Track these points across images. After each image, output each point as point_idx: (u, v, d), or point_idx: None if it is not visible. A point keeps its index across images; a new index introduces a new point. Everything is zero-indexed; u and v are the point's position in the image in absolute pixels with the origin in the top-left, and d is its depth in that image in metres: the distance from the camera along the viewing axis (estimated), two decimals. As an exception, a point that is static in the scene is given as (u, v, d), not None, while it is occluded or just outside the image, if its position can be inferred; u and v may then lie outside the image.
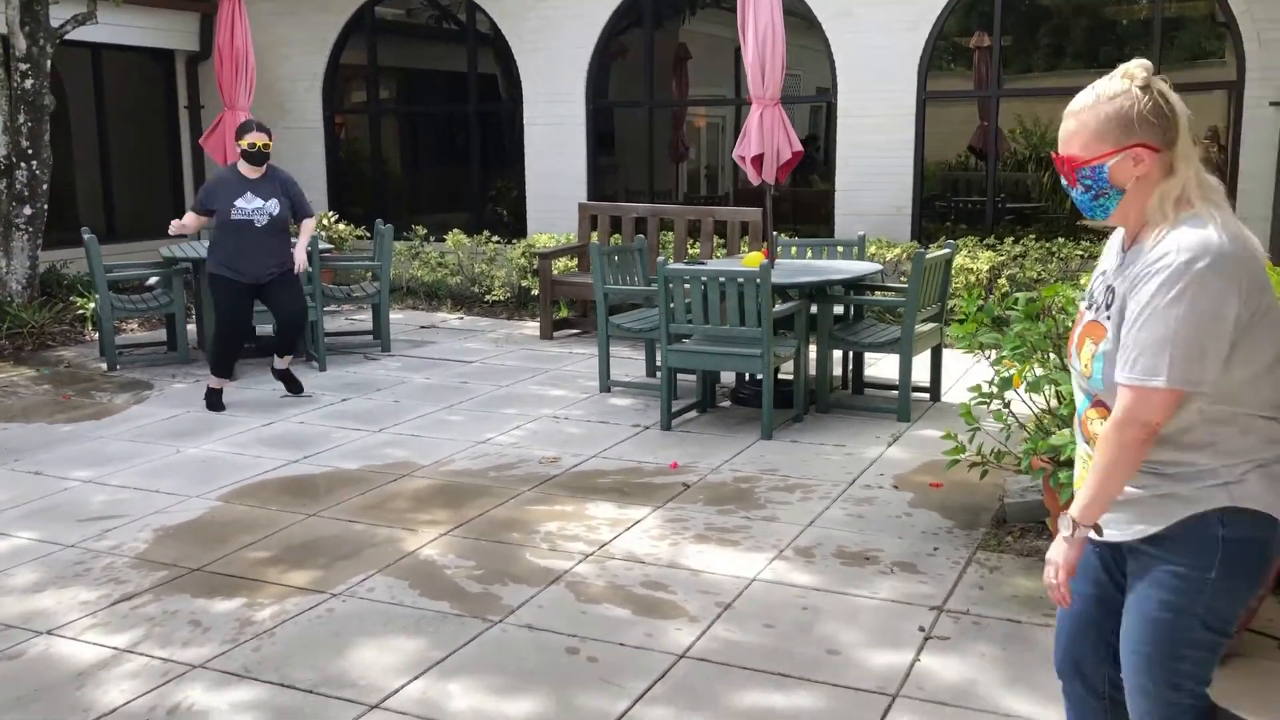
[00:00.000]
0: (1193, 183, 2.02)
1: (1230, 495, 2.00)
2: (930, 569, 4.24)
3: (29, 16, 8.83)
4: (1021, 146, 11.15)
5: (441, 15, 12.55)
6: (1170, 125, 2.03)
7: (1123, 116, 2.02)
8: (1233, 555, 2.01)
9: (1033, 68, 10.42)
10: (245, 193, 6.61)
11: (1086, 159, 2.05)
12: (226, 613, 3.91)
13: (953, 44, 10.38)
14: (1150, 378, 1.93)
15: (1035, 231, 9.71)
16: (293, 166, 12.01)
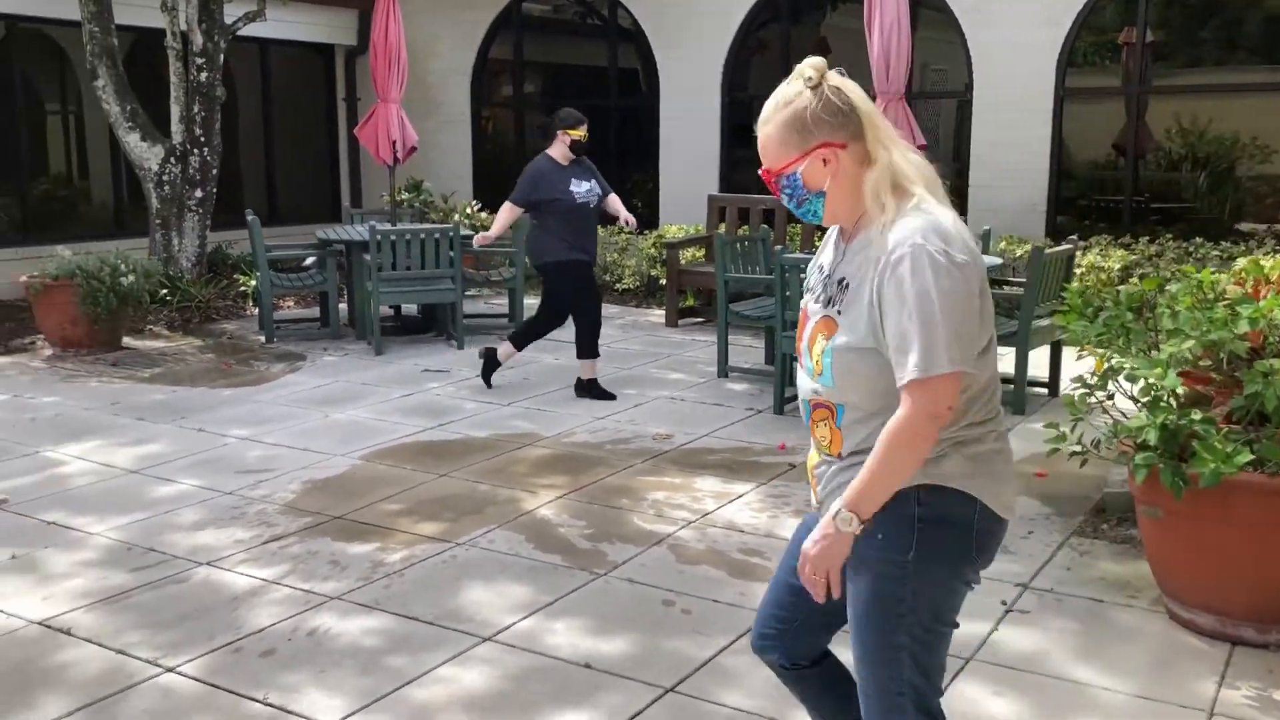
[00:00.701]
0: (900, 167, 1.98)
1: (927, 474, 1.97)
2: (1022, 550, 4.37)
3: (206, 15, 9.56)
4: (1178, 145, 10.88)
5: (585, 11, 12.96)
6: (850, 118, 2.00)
7: (798, 120, 2.00)
8: (928, 534, 1.99)
9: (1200, 62, 10.14)
10: (571, 179, 6.76)
11: (778, 169, 2.04)
12: (361, 555, 4.33)
13: (1098, 40, 10.24)
14: (934, 368, 1.88)
15: (1180, 232, 9.51)
16: (442, 158, 12.69)
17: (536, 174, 6.72)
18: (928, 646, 2.07)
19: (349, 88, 13.33)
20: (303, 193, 13.35)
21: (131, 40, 10.63)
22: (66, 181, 11.87)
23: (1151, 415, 3.37)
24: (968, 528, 2.02)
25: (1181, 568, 3.61)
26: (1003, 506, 2.07)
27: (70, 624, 3.75)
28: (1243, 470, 3.27)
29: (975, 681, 3.33)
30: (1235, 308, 3.62)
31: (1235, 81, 9.87)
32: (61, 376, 7.52)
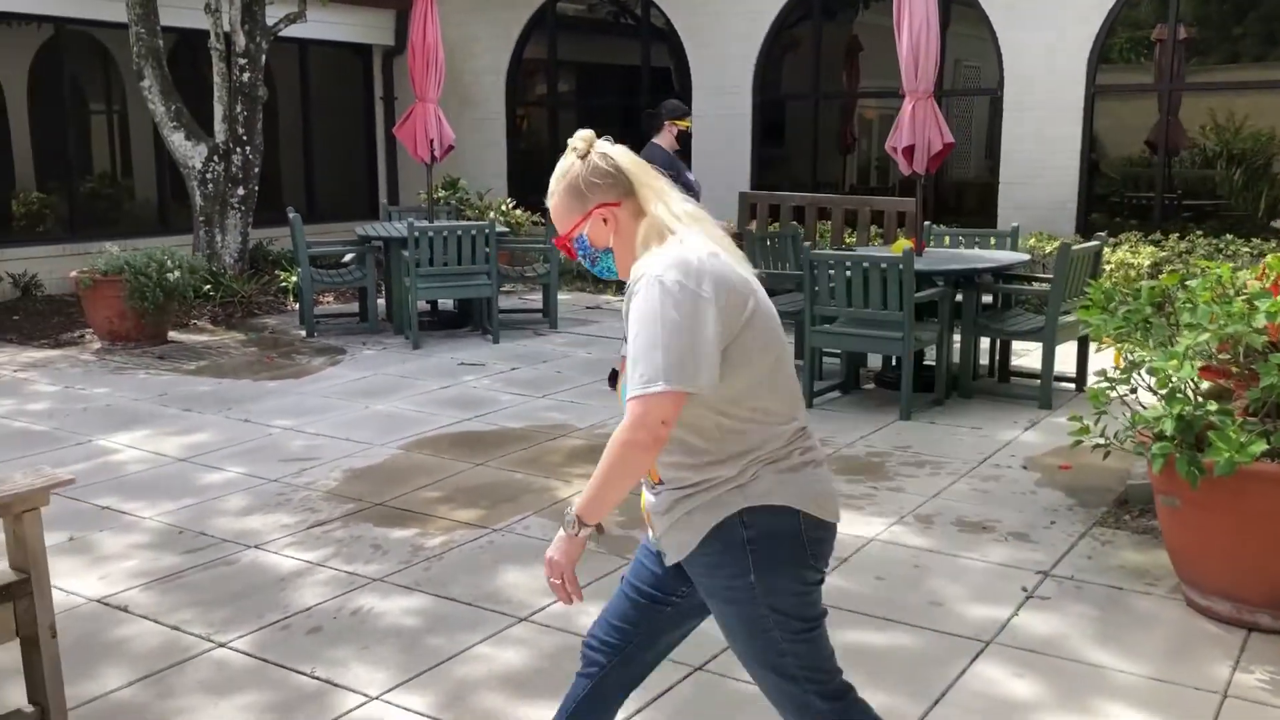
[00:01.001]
0: (666, 215, 2.15)
1: (745, 496, 2.08)
2: (1044, 539, 4.47)
3: (248, 17, 9.79)
4: (1212, 142, 10.85)
5: (619, 11, 13.10)
6: (619, 178, 2.18)
7: (574, 188, 2.19)
8: (762, 553, 2.09)
9: (1235, 58, 10.10)
10: (686, 172, 6.95)
11: (566, 233, 2.22)
12: (402, 539, 4.50)
13: (1130, 37, 10.26)
14: (651, 385, 1.97)
15: (1213, 229, 9.51)
16: (477, 155, 12.87)
17: (669, 162, 6.82)
18: (805, 645, 2.18)
19: (386, 87, 13.55)
20: (341, 190, 13.58)
21: (175, 41, 10.87)
22: (112, 180, 12.16)
23: (1168, 406, 3.47)
24: (797, 537, 2.12)
25: (1198, 555, 3.70)
26: (826, 512, 2.17)
27: (127, 602, 3.94)
28: (1257, 460, 3.36)
29: (995, 663, 3.44)
30: (1253, 302, 3.70)
31: (1269, 78, 9.85)
32: (111, 369, 7.76)
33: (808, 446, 2.18)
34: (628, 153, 2.24)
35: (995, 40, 10.22)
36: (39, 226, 11.24)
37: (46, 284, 10.53)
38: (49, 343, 8.66)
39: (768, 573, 2.11)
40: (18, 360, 8.05)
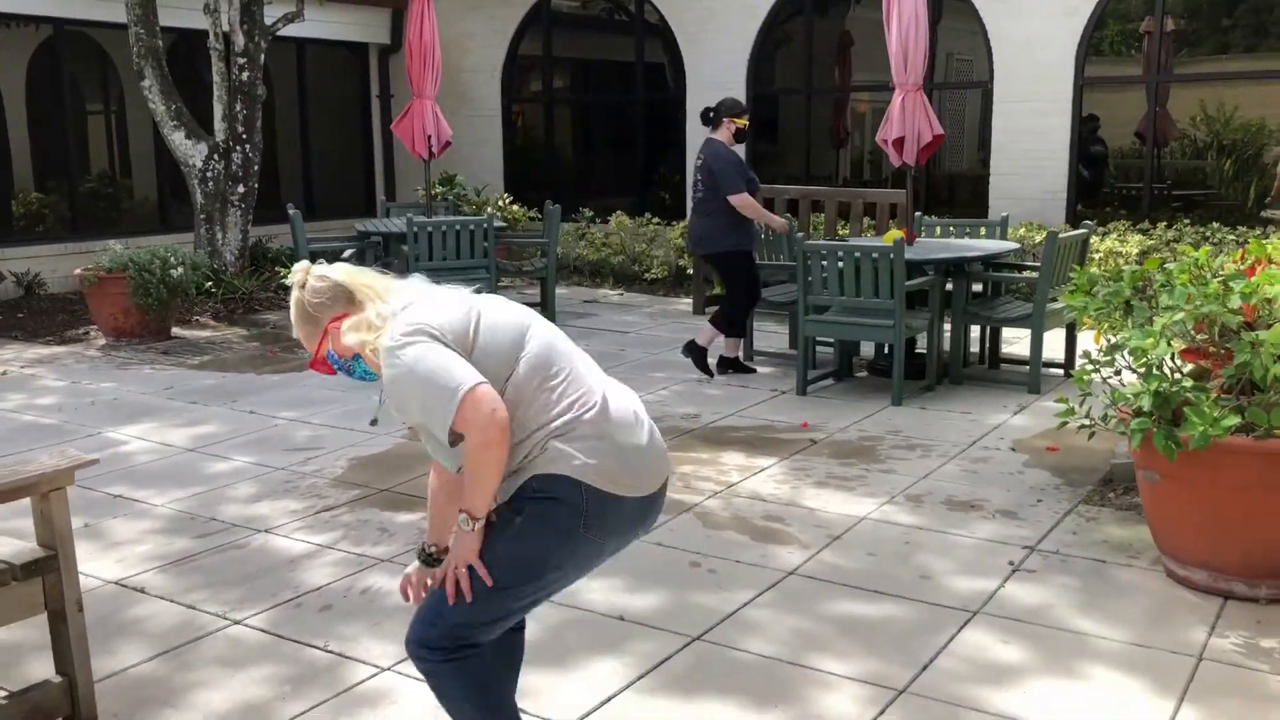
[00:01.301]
0: (373, 311, 2.42)
1: (534, 466, 2.36)
2: (1030, 517, 4.61)
3: (247, 17, 9.90)
4: (1203, 133, 10.96)
5: (612, 7, 13.23)
6: (338, 291, 2.47)
7: (304, 314, 2.49)
8: (537, 510, 2.36)
9: (1223, 49, 10.21)
10: (751, 174, 7.11)
11: (317, 354, 2.51)
12: (407, 523, 4.63)
13: (1118, 29, 10.39)
14: (453, 399, 2.24)
15: (1203, 218, 9.65)
16: (473, 152, 12.99)
17: (736, 162, 6.99)
18: (493, 599, 2.40)
19: (383, 84, 13.67)
20: (339, 187, 13.70)
21: (173, 40, 10.97)
22: (111, 179, 12.27)
23: (1146, 383, 3.61)
24: (575, 506, 2.36)
25: (1176, 527, 3.84)
26: (613, 484, 2.37)
27: (143, 584, 4.07)
28: (1231, 434, 3.50)
29: (982, 631, 3.58)
30: (1228, 283, 3.84)
31: (1257, 69, 9.97)
32: (116, 364, 7.88)
33: (594, 421, 2.38)
34: (343, 267, 2.53)
35: (985, 33, 10.36)
36: (39, 226, 11.36)
37: (49, 282, 10.65)
38: (54, 339, 8.78)
39: (533, 522, 2.36)
40: (24, 357, 8.18)
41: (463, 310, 2.40)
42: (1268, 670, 3.30)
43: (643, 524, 2.52)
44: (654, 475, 2.47)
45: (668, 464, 2.54)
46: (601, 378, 2.51)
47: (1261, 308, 3.85)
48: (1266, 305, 3.83)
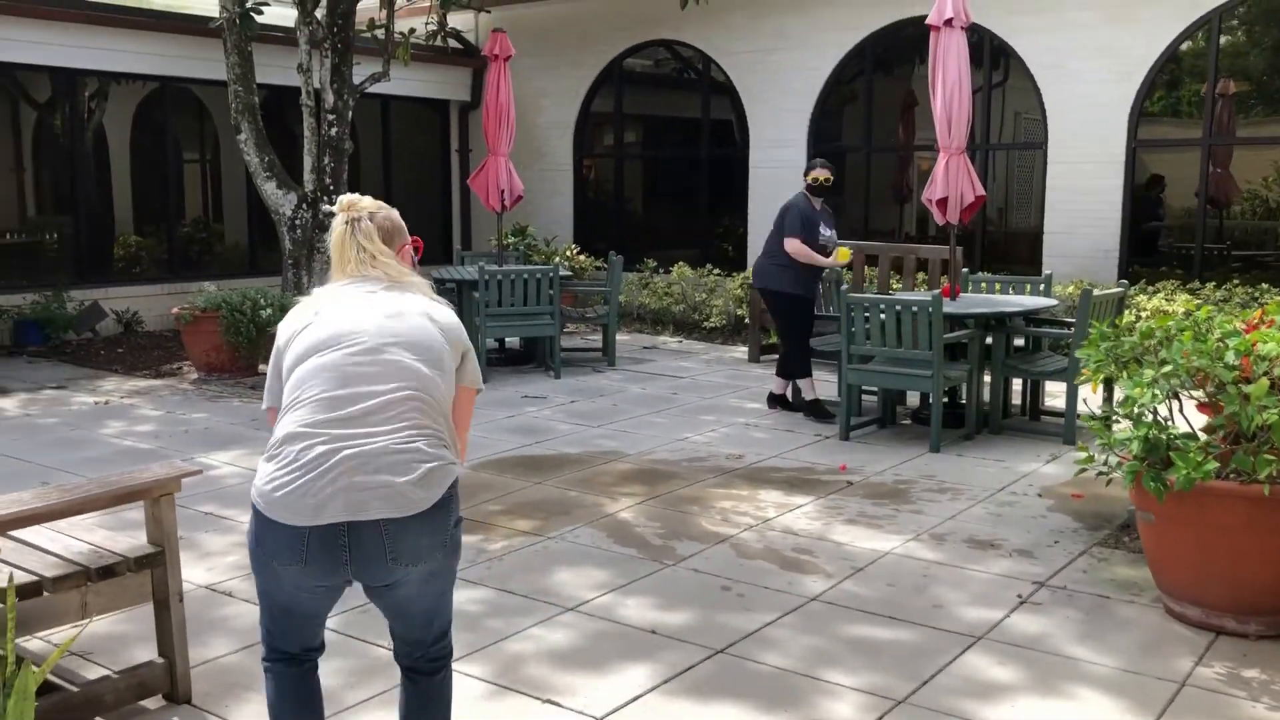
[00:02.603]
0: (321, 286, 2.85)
1: None
2: (1045, 556, 4.91)
3: (337, 76, 10.61)
4: (1276, 195, 11.03)
5: (681, 67, 13.80)
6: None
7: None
8: (252, 522, 2.67)
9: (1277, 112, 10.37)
10: (821, 222, 7.72)
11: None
12: (467, 544, 5.05)
13: (1170, 95, 10.63)
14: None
15: (1262, 278, 9.80)
16: (545, 204, 13.61)
17: (803, 209, 7.67)
18: (261, 605, 2.78)
19: (462, 139, 14.38)
20: (418, 235, 14.32)
21: (265, 96, 11.75)
22: (205, 224, 13.08)
23: (1136, 429, 3.93)
24: (253, 522, 2.65)
25: (1170, 565, 4.13)
26: (275, 511, 2.55)
27: (230, 589, 4.56)
28: (1217, 479, 3.80)
29: (982, 654, 3.90)
30: (1225, 340, 4.15)
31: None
32: (208, 397, 8.50)
33: (280, 455, 2.58)
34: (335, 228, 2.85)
35: (1039, 95, 10.69)
36: (136, 267, 12.16)
37: (147, 320, 11.41)
38: (150, 373, 9.46)
39: (249, 531, 2.70)
40: (124, 388, 8.84)
41: (292, 329, 2.73)
42: (1244, 697, 3.58)
43: (311, 559, 2.54)
44: (308, 510, 2.51)
45: (337, 504, 2.51)
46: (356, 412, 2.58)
47: (1256, 364, 4.15)
48: (1260, 362, 4.13)
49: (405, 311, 2.70)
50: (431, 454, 2.60)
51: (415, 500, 2.56)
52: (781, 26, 12.02)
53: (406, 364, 2.63)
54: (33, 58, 10.64)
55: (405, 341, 2.66)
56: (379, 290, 2.74)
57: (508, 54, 10.18)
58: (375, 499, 2.51)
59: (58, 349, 10.38)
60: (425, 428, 2.62)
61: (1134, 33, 10.13)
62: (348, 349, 2.62)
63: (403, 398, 2.60)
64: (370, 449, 2.53)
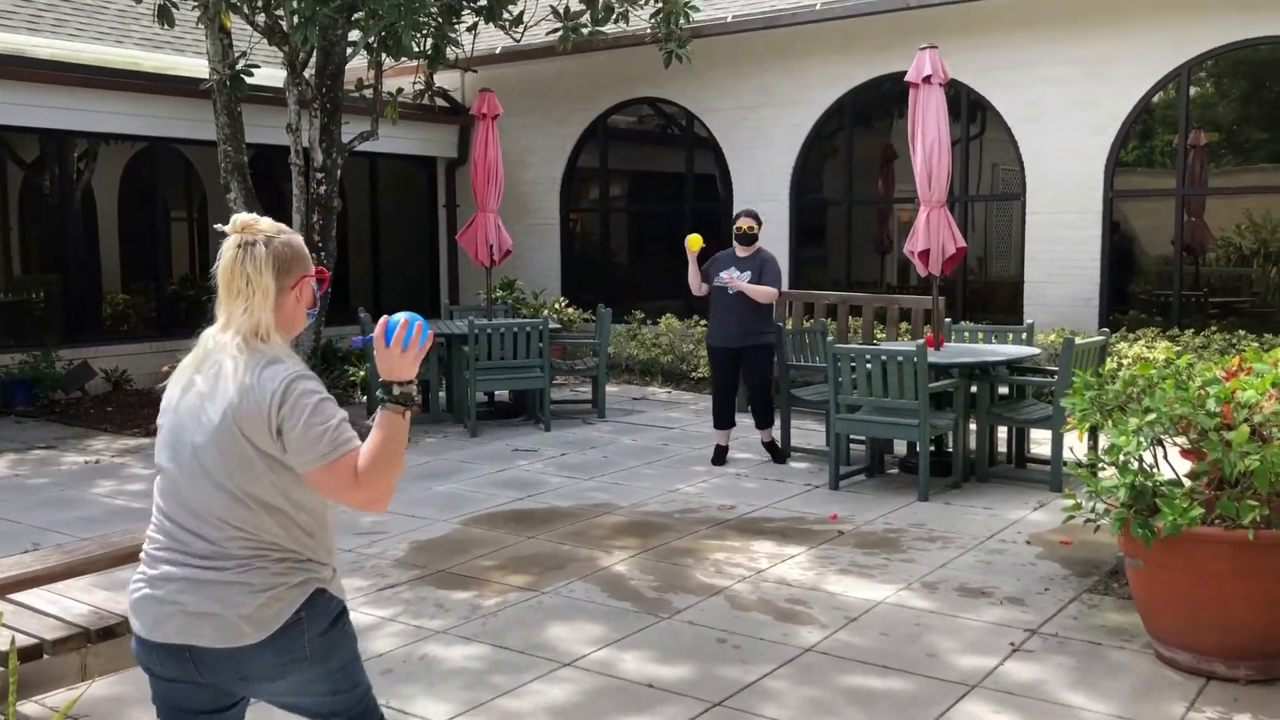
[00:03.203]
0: None
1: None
2: (1036, 603, 4.96)
3: (326, 135, 10.74)
4: (1249, 240, 11.21)
5: (665, 123, 14.00)
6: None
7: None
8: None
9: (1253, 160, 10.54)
10: (733, 267, 7.87)
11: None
12: (462, 600, 5.09)
13: (1144, 146, 10.84)
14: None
15: (1239, 324, 9.95)
16: (533, 258, 13.73)
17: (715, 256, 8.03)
18: None
19: (449, 195, 14.52)
20: (406, 291, 14.47)
21: (253, 155, 11.87)
22: (193, 282, 13.12)
23: (1122, 476, 4.00)
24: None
25: (1160, 611, 4.19)
26: (133, 619, 2.39)
27: (226, 648, 4.56)
28: (1203, 525, 3.87)
29: (977, 702, 3.94)
30: (1206, 388, 4.24)
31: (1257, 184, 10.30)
32: (197, 454, 8.49)
33: (145, 556, 2.40)
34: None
35: (1017, 148, 10.90)
36: (124, 326, 12.18)
37: (135, 378, 11.42)
38: (140, 431, 9.45)
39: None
40: (114, 447, 8.84)
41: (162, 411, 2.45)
42: (1236, 741, 3.62)
43: (162, 667, 2.38)
44: (139, 620, 2.38)
45: (174, 623, 2.32)
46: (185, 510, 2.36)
47: (1237, 411, 4.24)
48: (1240, 410, 4.22)
49: (215, 400, 2.32)
50: (262, 584, 2.30)
51: (247, 633, 2.30)
52: (763, 84, 12.24)
53: (215, 485, 2.31)
54: (24, 120, 10.74)
55: (210, 458, 2.31)
56: (206, 368, 2.38)
57: (495, 113, 10.34)
58: (208, 627, 2.30)
59: (46, 408, 10.37)
60: (257, 552, 2.32)
61: (1107, 87, 10.37)
62: (169, 462, 2.39)
63: (223, 523, 2.32)
64: (203, 577, 2.32)
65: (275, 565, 2.32)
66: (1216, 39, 9.90)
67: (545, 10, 10.81)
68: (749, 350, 7.85)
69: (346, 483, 2.28)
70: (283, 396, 2.27)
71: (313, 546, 2.38)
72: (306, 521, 2.36)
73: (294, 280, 2.42)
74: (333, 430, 2.27)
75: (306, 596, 2.34)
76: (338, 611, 2.43)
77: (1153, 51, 10.14)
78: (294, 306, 2.44)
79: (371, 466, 2.28)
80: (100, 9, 13.12)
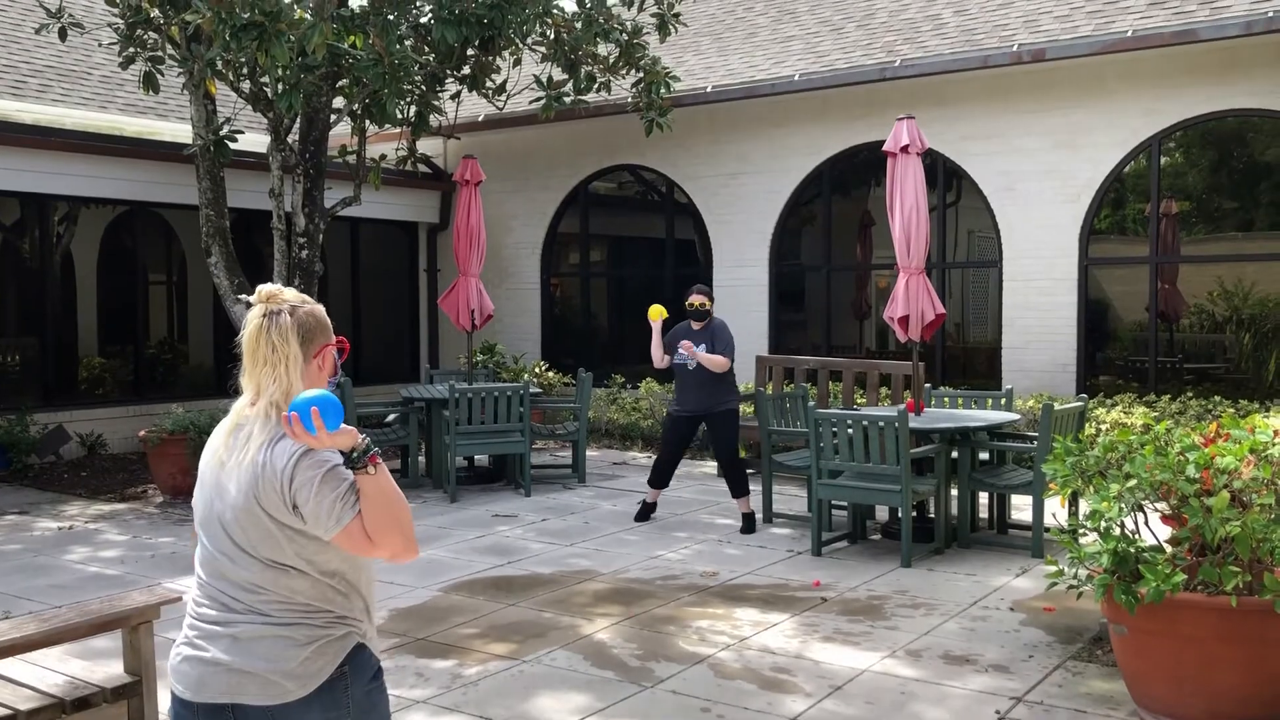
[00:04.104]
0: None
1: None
2: (1020, 671, 4.94)
3: (309, 200, 10.79)
4: (1222, 308, 11.33)
5: (645, 190, 14.15)
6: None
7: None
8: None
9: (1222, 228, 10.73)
10: (687, 340, 7.92)
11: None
12: (442, 669, 5.03)
13: (1116, 214, 11.02)
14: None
15: (1223, 392, 10.06)
16: (513, 321, 13.76)
17: (676, 329, 8.15)
18: None
19: (430, 259, 14.58)
20: (386, 354, 14.46)
21: (234, 219, 11.90)
22: (171, 346, 13.07)
23: (1104, 543, 4.02)
24: None
25: (1145, 678, 4.18)
26: (175, 683, 2.43)
27: None
28: (1186, 591, 3.88)
29: (964, 773, 3.91)
30: (1185, 453, 4.28)
31: (1256, 251, 10.48)
32: (174, 520, 8.41)
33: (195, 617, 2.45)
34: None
35: (993, 216, 11.07)
36: (99, 389, 12.08)
37: (110, 442, 11.31)
38: (115, 496, 9.35)
39: None
40: (88, 513, 8.73)
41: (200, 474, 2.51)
42: (1225, 811, 3.60)
43: None
44: (181, 683, 2.42)
45: (219, 683, 2.37)
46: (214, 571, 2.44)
47: (1216, 477, 4.28)
48: (1219, 475, 4.25)
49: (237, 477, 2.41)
50: (305, 638, 2.39)
51: (292, 690, 2.38)
52: (742, 152, 12.41)
53: (245, 554, 2.40)
54: (4, 184, 10.73)
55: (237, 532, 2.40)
56: (234, 441, 2.45)
57: (478, 179, 10.43)
58: (253, 684, 2.37)
59: (19, 473, 10.24)
60: (296, 611, 2.40)
61: (1080, 157, 10.57)
62: (203, 532, 2.47)
63: (258, 588, 2.40)
64: (246, 634, 2.38)
65: (317, 619, 2.40)
66: (1186, 110, 10.13)
67: (528, 79, 10.97)
68: (712, 418, 7.88)
69: (365, 544, 2.36)
70: (293, 473, 2.33)
71: (347, 605, 2.45)
72: (338, 583, 2.43)
73: (317, 349, 2.50)
74: (340, 498, 2.33)
75: (349, 650, 2.43)
76: (377, 668, 2.52)
77: (1124, 122, 10.37)
78: (317, 375, 2.51)
79: (375, 527, 2.35)
80: (84, 75, 13.21)
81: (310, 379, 2.48)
